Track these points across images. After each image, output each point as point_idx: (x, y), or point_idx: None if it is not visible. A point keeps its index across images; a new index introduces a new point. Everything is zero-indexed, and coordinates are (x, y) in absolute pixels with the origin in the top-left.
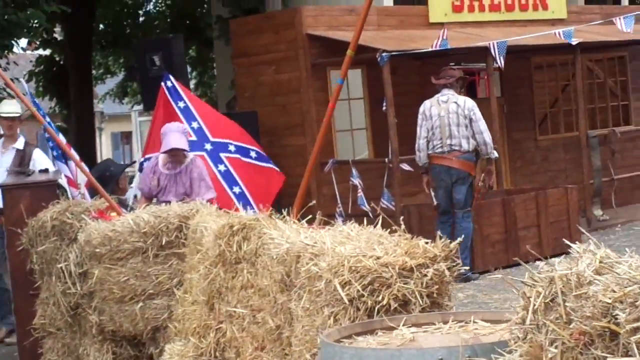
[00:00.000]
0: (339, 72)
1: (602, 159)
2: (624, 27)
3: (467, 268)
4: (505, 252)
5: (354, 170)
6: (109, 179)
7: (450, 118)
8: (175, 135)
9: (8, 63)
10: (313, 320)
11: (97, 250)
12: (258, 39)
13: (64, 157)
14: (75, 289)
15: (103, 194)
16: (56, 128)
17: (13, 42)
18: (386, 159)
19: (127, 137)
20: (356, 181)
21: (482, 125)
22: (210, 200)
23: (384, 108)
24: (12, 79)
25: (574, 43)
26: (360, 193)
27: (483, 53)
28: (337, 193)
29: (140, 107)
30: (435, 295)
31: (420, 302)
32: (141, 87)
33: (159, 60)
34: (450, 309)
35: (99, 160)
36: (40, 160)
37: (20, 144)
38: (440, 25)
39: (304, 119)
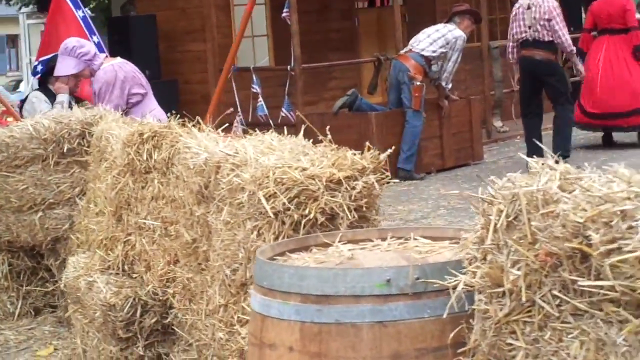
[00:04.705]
0: None
1: (503, 70)
2: None
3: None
4: None
5: (254, 78)
6: None
7: (432, 28)
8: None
9: None
10: (234, 234)
11: None
12: None
13: None
14: None
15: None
16: None
17: None
18: (288, 67)
19: (13, 40)
20: (257, 89)
21: (456, 56)
22: None
23: (283, 14)
24: None
25: None
26: (260, 101)
27: None
28: (237, 101)
29: (28, 9)
30: (364, 209)
31: (349, 215)
32: None
33: None
34: (379, 223)
35: None
36: None
37: None
38: None
39: (204, 24)
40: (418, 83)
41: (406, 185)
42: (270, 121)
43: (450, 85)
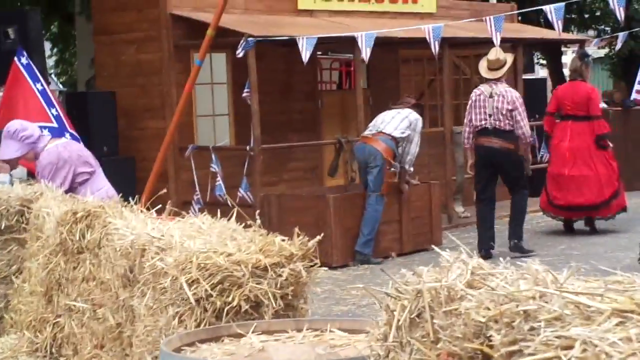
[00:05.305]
0: None
1: (465, 155)
2: (493, 29)
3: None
4: None
5: (214, 157)
6: None
7: (393, 111)
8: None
9: None
10: (156, 320)
11: None
12: (120, 16)
13: None
14: None
15: None
16: None
17: None
18: (248, 147)
19: None
20: (216, 168)
21: (417, 138)
22: None
23: (244, 94)
24: None
25: (437, 43)
26: (218, 181)
27: (351, 43)
28: (195, 180)
29: None
30: (290, 297)
31: (274, 304)
32: None
33: (13, 34)
34: (306, 312)
35: None
36: None
37: None
38: (309, 12)
39: (164, 101)
40: (393, 169)
41: (362, 269)
42: (229, 201)
43: (412, 169)
